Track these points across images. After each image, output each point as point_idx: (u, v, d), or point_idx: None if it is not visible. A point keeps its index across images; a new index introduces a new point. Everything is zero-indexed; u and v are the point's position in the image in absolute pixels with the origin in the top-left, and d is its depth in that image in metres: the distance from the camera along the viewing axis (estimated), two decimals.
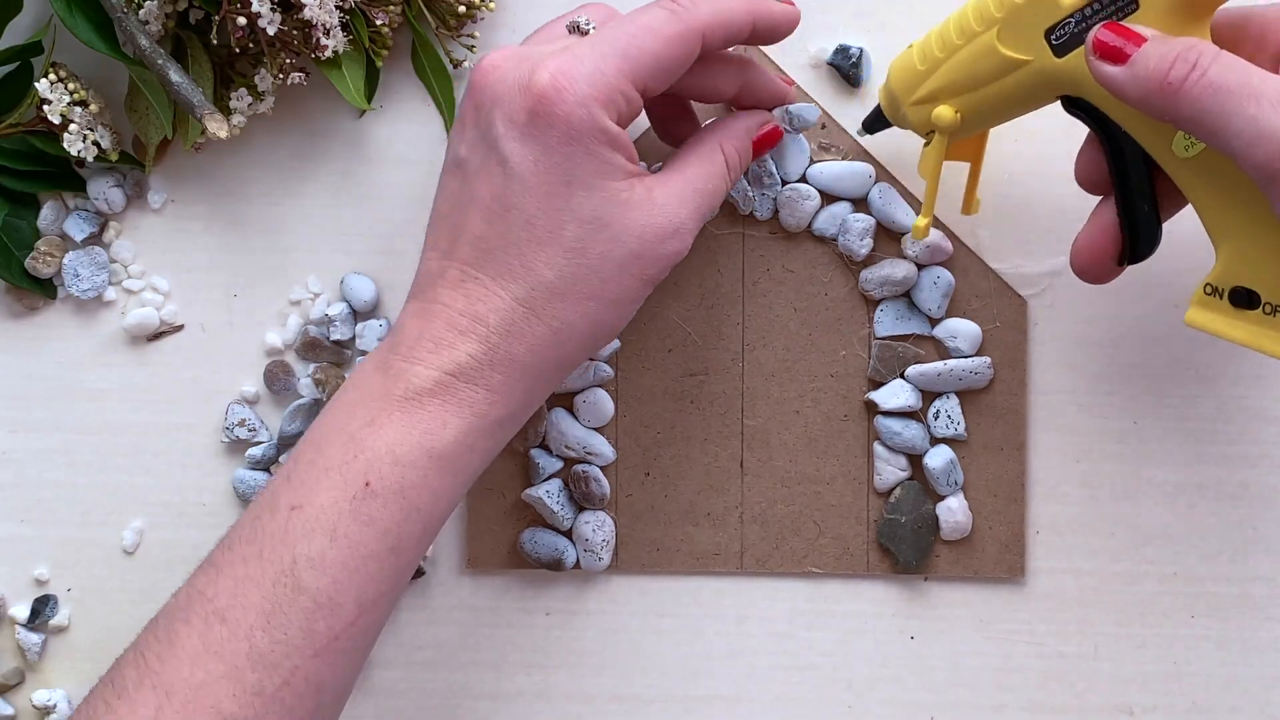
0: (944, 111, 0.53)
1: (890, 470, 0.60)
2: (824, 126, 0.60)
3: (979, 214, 0.59)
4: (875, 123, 0.58)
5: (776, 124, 0.58)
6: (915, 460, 0.60)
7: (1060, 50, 0.50)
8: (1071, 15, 0.49)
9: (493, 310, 0.50)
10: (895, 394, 0.60)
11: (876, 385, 0.60)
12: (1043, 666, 0.61)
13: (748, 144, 0.56)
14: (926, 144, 0.55)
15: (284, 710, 0.48)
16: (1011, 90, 0.52)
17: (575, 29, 0.54)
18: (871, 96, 0.60)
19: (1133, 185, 0.51)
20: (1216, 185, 0.49)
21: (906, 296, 0.60)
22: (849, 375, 0.60)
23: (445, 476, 0.51)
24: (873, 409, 0.60)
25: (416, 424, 0.50)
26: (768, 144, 0.58)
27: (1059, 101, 0.52)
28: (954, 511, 0.60)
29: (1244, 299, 0.49)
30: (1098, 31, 0.48)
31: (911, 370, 0.60)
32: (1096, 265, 0.53)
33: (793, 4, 0.56)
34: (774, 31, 0.55)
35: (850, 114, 0.60)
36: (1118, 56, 0.47)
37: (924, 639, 0.61)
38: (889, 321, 0.60)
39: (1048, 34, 0.50)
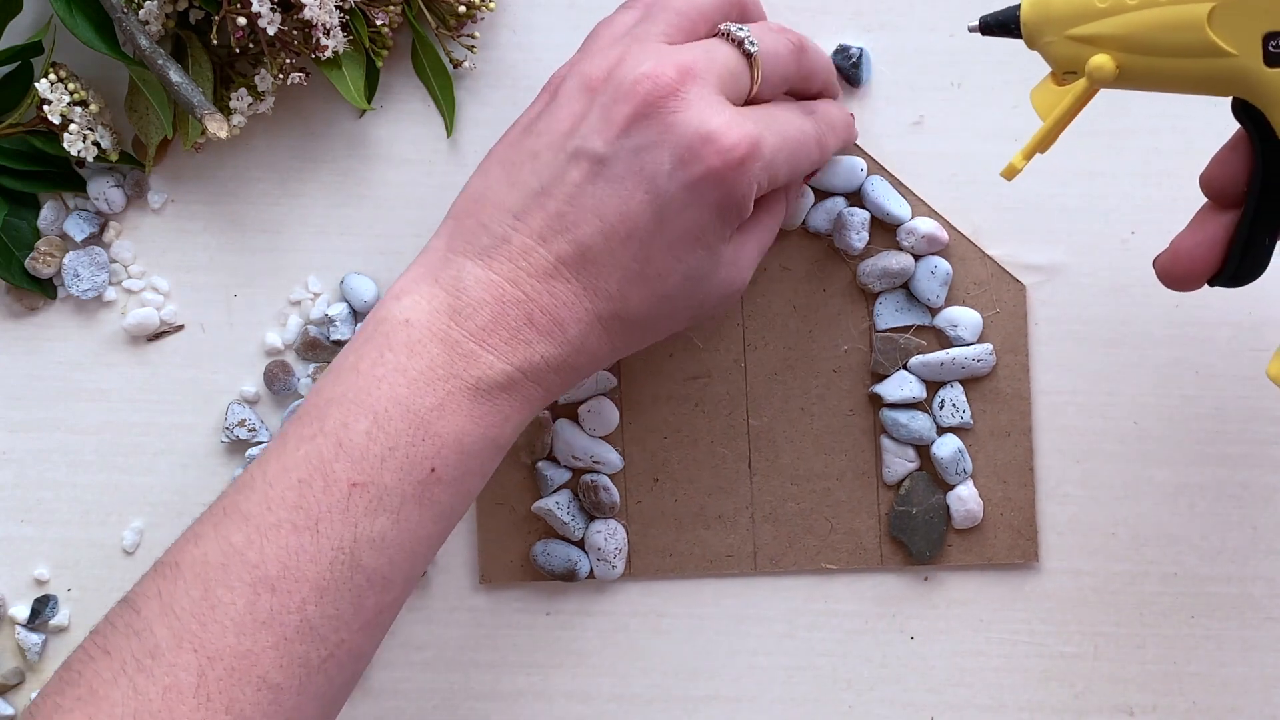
0: (1104, 62, 0.47)
1: (898, 462, 0.60)
2: None
3: (972, 201, 0.59)
4: (998, 28, 0.50)
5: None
6: (923, 451, 0.60)
7: (1274, 60, 0.45)
8: None
9: (574, 320, 0.51)
10: (899, 386, 0.60)
11: (880, 378, 0.60)
12: (1043, 666, 0.61)
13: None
14: (1055, 81, 0.49)
15: (326, 680, 0.49)
16: (1192, 73, 0.46)
17: (737, 44, 0.52)
18: (872, 96, 0.60)
19: (1268, 215, 0.48)
20: None
21: (905, 288, 0.60)
22: (852, 370, 0.60)
23: (496, 461, 0.52)
24: (877, 402, 0.60)
25: (484, 416, 0.50)
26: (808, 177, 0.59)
27: (1230, 100, 0.47)
28: (964, 500, 0.60)
29: None
30: None
31: (914, 361, 0.60)
32: (1190, 277, 0.49)
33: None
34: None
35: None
36: None
37: (924, 639, 0.61)
38: (889, 314, 0.60)
39: (1268, 37, 0.45)
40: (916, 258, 0.60)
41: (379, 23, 0.58)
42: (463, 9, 0.59)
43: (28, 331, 0.62)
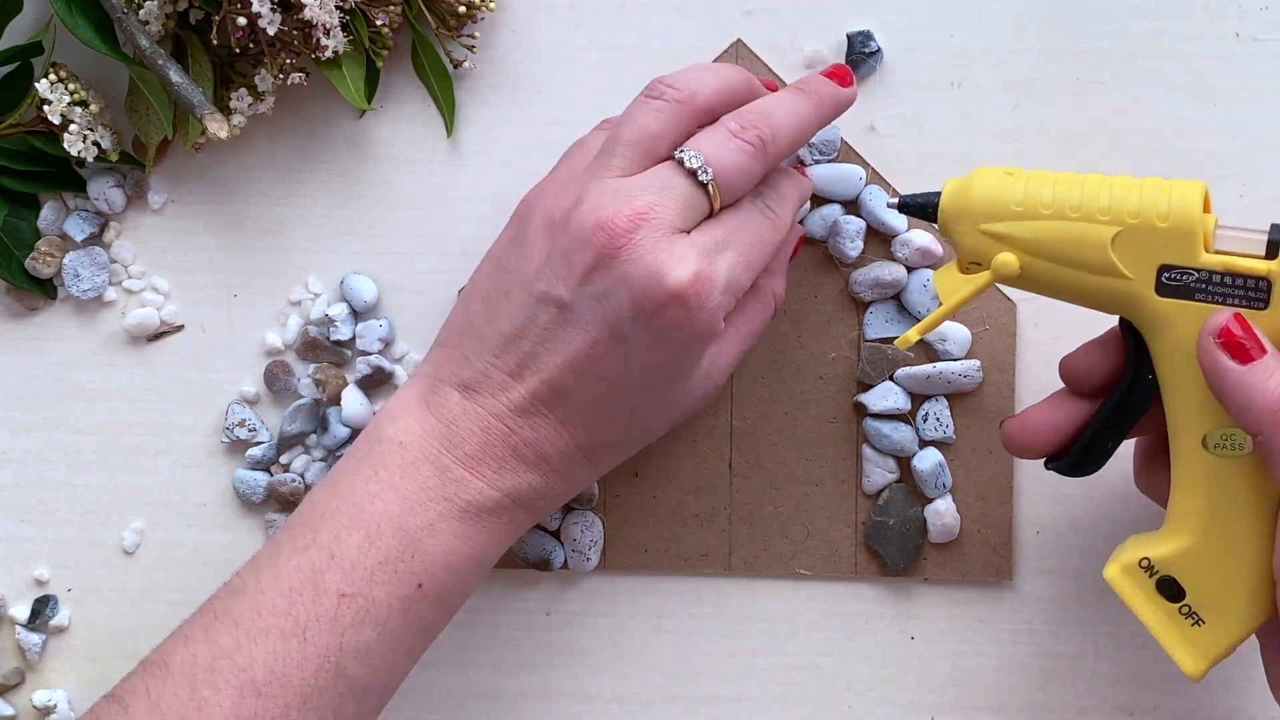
0: (1010, 260, 0.50)
1: (879, 472, 0.60)
2: None
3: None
4: (916, 210, 0.52)
5: (803, 233, 0.59)
6: (904, 462, 0.60)
7: (1164, 291, 0.48)
8: (1199, 270, 0.48)
9: (556, 451, 0.53)
10: (884, 396, 0.60)
11: (865, 387, 0.60)
12: (1043, 666, 0.61)
13: (785, 270, 0.58)
14: (960, 268, 0.52)
15: None
16: (1089, 288, 0.49)
17: (690, 174, 0.52)
18: (872, 96, 0.60)
19: (1119, 423, 0.51)
20: (1223, 492, 0.49)
21: (896, 299, 0.60)
22: (838, 377, 0.60)
23: (480, 579, 0.54)
24: (861, 411, 0.60)
25: (473, 537, 0.52)
26: (795, 254, 0.59)
27: (1117, 318, 0.51)
28: (942, 514, 0.60)
29: (1171, 590, 0.50)
30: (1229, 321, 0.47)
31: (901, 373, 0.60)
32: (1030, 451, 0.53)
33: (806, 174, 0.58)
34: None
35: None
36: (1240, 354, 0.47)
37: (924, 639, 0.61)
38: (879, 324, 0.60)
39: (1162, 269, 0.48)
40: (909, 269, 0.60)
41: (379, 23, 0.58)
42: (463, 9, 0.59)
43: (28, 331, 0.62)
